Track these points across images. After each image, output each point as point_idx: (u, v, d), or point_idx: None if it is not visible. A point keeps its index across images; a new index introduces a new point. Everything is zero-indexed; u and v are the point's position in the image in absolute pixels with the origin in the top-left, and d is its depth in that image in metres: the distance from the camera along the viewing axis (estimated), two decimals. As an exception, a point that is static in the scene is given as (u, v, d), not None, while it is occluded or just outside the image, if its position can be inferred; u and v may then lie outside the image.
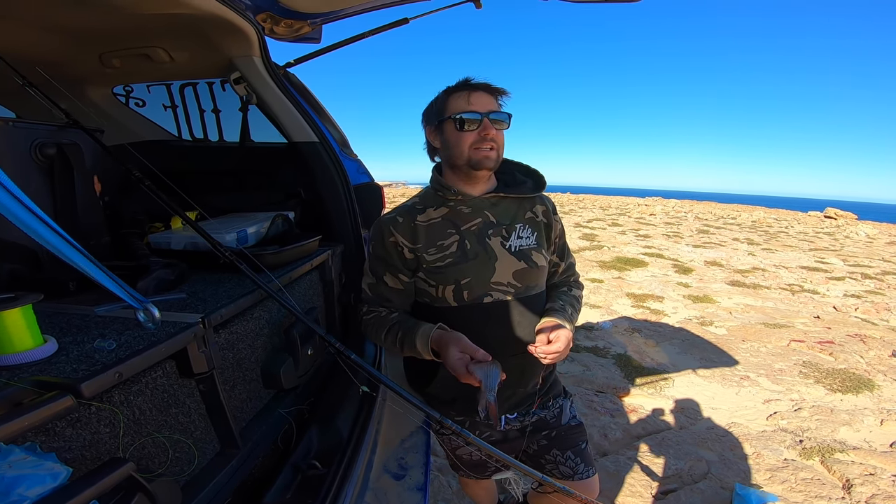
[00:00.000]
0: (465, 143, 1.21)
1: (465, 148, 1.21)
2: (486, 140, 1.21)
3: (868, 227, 16.04)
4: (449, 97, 1.23)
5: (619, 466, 2.34)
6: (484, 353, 1.07)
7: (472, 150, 1.21)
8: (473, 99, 1.21)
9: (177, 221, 1.86)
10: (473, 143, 1.21)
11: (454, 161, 1.25)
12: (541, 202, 1.36)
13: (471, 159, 1.22)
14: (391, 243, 1.26)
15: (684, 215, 17.48)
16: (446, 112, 1.23)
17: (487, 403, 1.00)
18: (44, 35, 1.51)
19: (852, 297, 5.83)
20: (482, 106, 1.20)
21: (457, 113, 1.20)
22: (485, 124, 1.20)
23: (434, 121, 1.27)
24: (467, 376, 1.05)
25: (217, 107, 2.17)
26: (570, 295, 1.39)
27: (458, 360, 1.07)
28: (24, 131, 1.41)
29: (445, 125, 1.23)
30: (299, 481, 1.22)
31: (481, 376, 1.02)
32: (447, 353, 1.09)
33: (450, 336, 1.12)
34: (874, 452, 2.48)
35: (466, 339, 1.11)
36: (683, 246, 9.58)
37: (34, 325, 0.86)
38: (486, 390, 1.01)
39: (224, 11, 1.46)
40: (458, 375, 1.07)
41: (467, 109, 1.20)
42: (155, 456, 0.94)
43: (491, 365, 1.05)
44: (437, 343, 1.14)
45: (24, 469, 0.62)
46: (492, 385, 1.02)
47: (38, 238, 0.77)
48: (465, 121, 1.20)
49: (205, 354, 1.05)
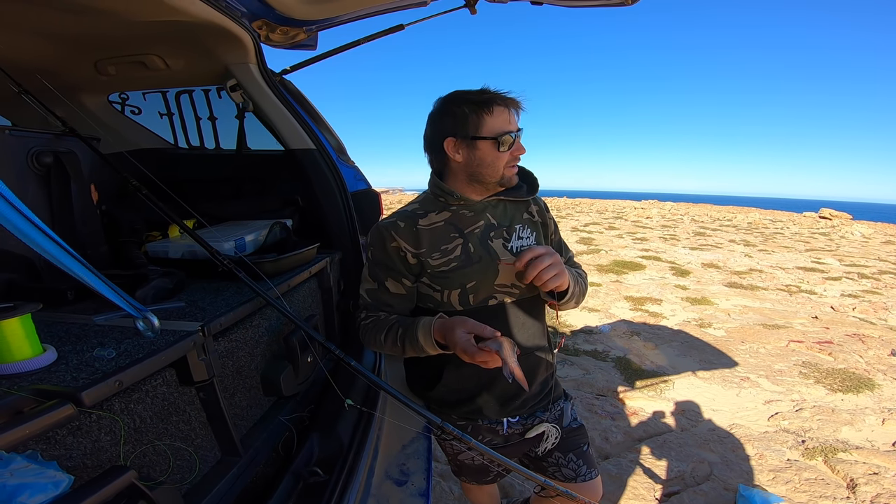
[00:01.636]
0: (501, 163, 1.18)
1: (500, 167, 1.19)
2: (516, 159, 1.21)
3: (863, 226, 16.14)
4: (484, 112, 1.16)
5: (622, 469, 2.33)
6: (491, 329, 1.04)
7: (507, 168, 1.20)
8: (511, 117, 1.18)
9: (174, 230, 1.85)
10: (508, 161, 1.19)
11: (484, 177, 1.20)
12: (535, 202, 1.36)
13: (503, 177, 1.21)
14: (393, 248, 1.23)
15: (680, 218, 17.54)
16: (483, 129, 1.16)
17: (511, 368, 0.98)
18: (39, 42, 1.51)
19: (850, 297, 5.86)
20: (515, 123, 1.18)
21: (501, 133, 1.15)
22: (518, 144, 1.19)
23: (462, 135, 1.18)
24: (479, 353, 1.01)
25: (213, 114, 2.17)
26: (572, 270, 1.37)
27: (466, 341, 1.03)
28: (21, 139, 1.41)
29: (480, 143, 1.17)
30: (301, 488, 1.21)
31: (496, 347, 1.00)
32: (454, 336, 1.05)
33: (453, 320, 1.09)
34: (877, 451, 2.48)
35: (471, 319, 1.07)
36: (680, 248, 9.61)
37: (33, 335, 0.85)
38: (506, 357, 0.99)
39: (220, 19, 1.46)
40: (470, 355, 1.02)
41: (508, 129, 1.16)
42: (156, 464, 0.94)
43: (501, 339, 1.03)
44: (441, 330, 1.10)
45: (25, 477, 0.62)
46: (509, 353, 1.00)
47: (35, 247, 0.77)
48: (506, 141, 1.16)
49: (204, 362, 1.05)
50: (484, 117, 1.15)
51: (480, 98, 1.16)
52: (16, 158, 1.40)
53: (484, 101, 1.15)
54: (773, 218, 19.94)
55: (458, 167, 1.22)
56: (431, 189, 1.29)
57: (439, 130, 1.21)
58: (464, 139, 1.18)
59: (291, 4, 1.65)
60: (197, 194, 2.12)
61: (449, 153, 1.20)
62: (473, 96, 1.17)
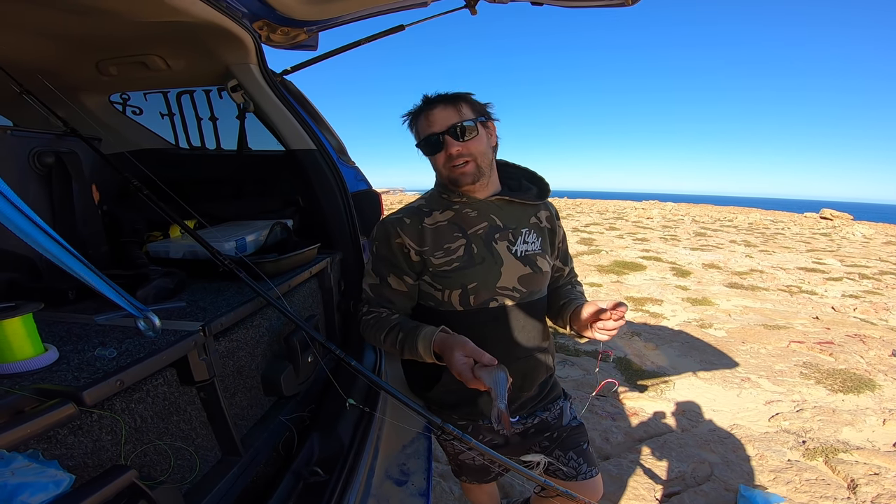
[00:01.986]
0: (438, 165, 1.23)
1: (441, 169, 1.23)
2: (454, 158, 1.19)
3: (864, 227, 16.12)
4: (415, 120, 1.25)
5: (622, 470, 2.33)
6: (490, 357, 1.03)
7: (448, 170, 1.21)
8: (432, 118, 1.19)
9: (175, 230, 1.85)
10: (445, 162, 1.21)
11: (440, 179, 1.29)
12: (545, 208, 1.37)
13: (449, 177, 1.23)
14: (397, 244, 1.24)
15: (681, 218, 17.54)
16: (416, 137, 1.26)
17: (500, 412, 0.95)
18: (41, 42, 1.51)
19: (850, 298, 5.85)
20: (441, 123, 1.18)
21: (420, 138, 1.22)
22: (447, 143, 1.18)
23: (416, 144, 1.28)
24: (474, 381, 1.01)
25: (214, 114, 2.17)
26: (576, 291, 1.41)
27: (463, 365, 1.03)
28: (22, 140, 1.42)
29: (421, 150, 1.26)
30: (301, 488, 1.21)
31: (489, 382, 0.98)
32: (452, 357, 1.05)
33: (454, 340, 1.08)
34: (878, 452, 2.48)
35: (471, 342, 1.06)
36: (681, 249, 9.60)
37: (35, 334, 0.86)
38: (496, 398, 0.96)
39: (221, 19, 1.46)
40: (465, 380, 1.03)
41: (428, 132, 1.20)
42: (157, 463, 0.94)
43: (497, 369, 1.01)
44: (441, 346, 1.10)
45: (26, 476, 0.62)
46: (501, 392, 0.97)
47: (37, 247, 0.77)
48: (429, 144, 1.21)
49: (205, 362, 1.05)
50: (416, 125, 1.24)
51: (410, 111, 1.26)
52: (17, 158, 1.40)
53: (410, 114, 1.25)
54: (774, 218, 19.92)
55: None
56: (437, 187, 1.32)
57: None
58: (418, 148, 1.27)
59: (292, 5, 1.65)
60: (198, 194, 2.12)
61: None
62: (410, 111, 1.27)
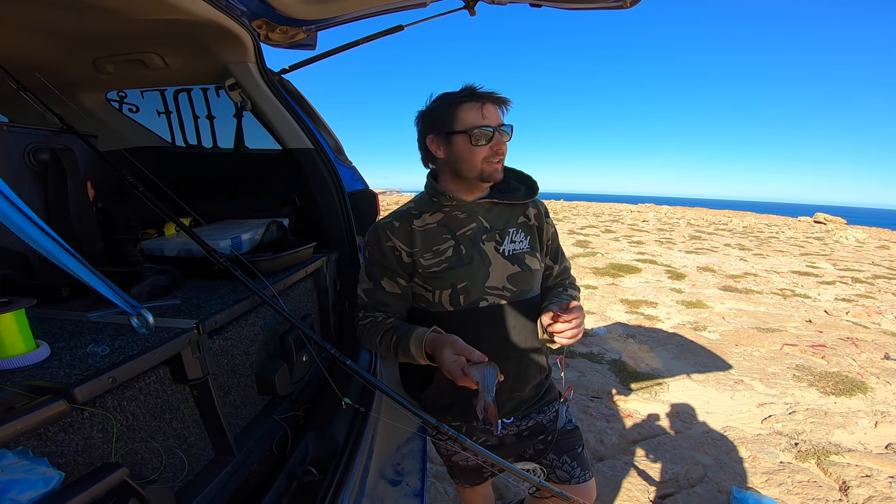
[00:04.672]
0: (478, 158, 1.20)
1: (477, 162, 1.21)
2: (497, 154, 1.21)
3: (858, 231, 16.23)
4: (458, 108, 1.20)
5: (616, 471, 2.33)
6: (480, 354, 1.05)
7: (485, 164, 1.21)
8: (486, 112, 1.19)
9: (170, 228, 1.85)
10: (486, 157, 1.20)
11: (463, 172, 1.24)
12: (534, 206, 1.37)
13: (482, 172, 1.22)
14: (388, 248, 1.25)
15: (676, 221, 17.61)
16: (457, 124, 1.19)
17: (486, 405, 0.97)
18: (38, 39, 1.51)
19: (843, 301, 5.88)
20: (493, 119, 1.20)
21: (472, 127, 1.18)
22: (497, 139, 1.20)
23: (439, 131, 1.23)
24: (464, 378, 1.02)
25: (211, 113, 2.17)
26: (566, 294, 1.39)
27: (453, 363, 1.04)
28: (18, 136, 1.41)
29: (456, 138, 1.20)
30: (295, 488, 1.21)
31: (478, 377, 1.00)
32: (442, 356, 1.07)
33: (444, 339, 1.10)
34: (869, 454, 2.49)
35: (461, 340, 1.08)
36: (676, 252, 9.64)
37: (27, 330, 0.85)
38: (483, 391, 0.98)
39: (220, 17, 1.46)
40: (455, 378, 1.04)
41: (482, 123, 1.18)
42: (148, 462, 0.93)
43: (487, 366, 1.02)
44: (432, 346, 1.12)
45: (16, 473, 0.62)
46: (489, 385, 0.99)
47: (31, 242, 0.76)
48: (480, 135, 1.18)
49: (199, 360, 1.05)
50: (457, 112, 1.19)
51: (454, 95, 1.21)
52: (12, 155, 1.39)
53: (456, 98, 1.21)
54: (769, 222, 20.02)
55: (443, 164, 1.27)
56: (427, 189, 1.31)
57: (423, 129, 1.28)
58: (441, 135, 1.23)
59: (291, 4, 1.65)
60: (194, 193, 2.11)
61: (433, 151, 1.26)
62: (449, 94, 1.22)
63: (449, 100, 1.21)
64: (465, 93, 1.20)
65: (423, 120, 1.28)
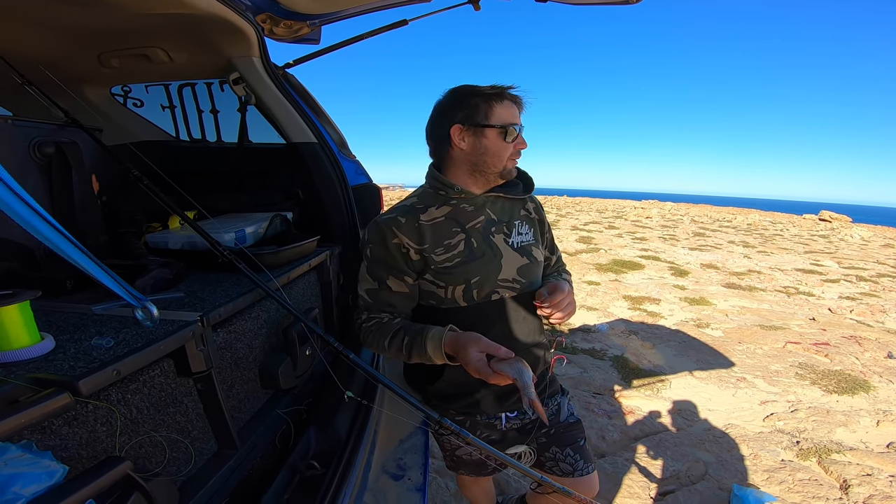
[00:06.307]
0: (506, 153, 1.22)
1: (504, 157, 1.23)
2: (519, 153, 1.26)
3: (863, 229, 16.14)
4: (493, 103, 1.20)
5: (617, 468, 2.34)
6: (506, 350, 1.03)
7: (509, 161, 1.24)
8: (515, 111, 1.23)
9: (174, 221, 1.85)
10: (511, 154, 1.24)
11: (486, 167, 1.23)
12: (530, 200, 1.40)
13: (505, 168, 1.24)
14: (395, 245, 1.21)
15: (680, 218, 17.54)
16: (491, 118, 1.19)
17: (531, 401, 0.98)
18: (43, 34, 1.51)
19: (847, 300, 5.86)
20: (519, 119, 1.24)
21: (507, 124, 1.20)
22: (521, 139, 1.24)
23: (470, 122, 1.20)
24: (494, 376, 1.01)
25: (215, 107, 2.17)
26: (561, 278, 1.42)
27: (479, 361, 1.03)
28: (23, 129, 1.41)
29: (487, 132, 1.20)
30: (297, 482, 1.21)
31: (513, 374, 0.99)
32: (466, 355, 1.05)
33: (466, 337, 1.08)
34: (871, 453, 2.49)
35: (485, 338, 1.06)
36: (679, 249, 9.61)
37: (31, 323, 0.85)
38: (524, 388, 0.98)
39: (224, 12, 1.46)
40: (484, 376, 1.02)
41: (515, 122, 1.22)
42: (152, 455, 0.94)
43: (516, 361, 1.02)
44: (452, 345, 1.09)
45: (19, 467, 0.62)
46: (527, 381, 0.99)
47: (37, 234, 0.77)
48: (513, 133, 1.21)
49: (203, 353, 1.05)
50: (494, 107, 1.20)
51: (491, 90, 1.21)
52: (18, 148, 1.40)
53: (494, 93, 1.20)
54: (773, 220, 19.94)
55: (462, 156, 1.24)
56: (430, 182, 1.28)
57: (448, 118, 1.24)
58: (471, 127, 1.21)
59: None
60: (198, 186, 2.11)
61: (455, 141, 1.23)
62: (484, 88, 1.21)
63: (484, 94, 1.20)
64: (499, 89, 1.21)
65: (450, 109, 1.24)
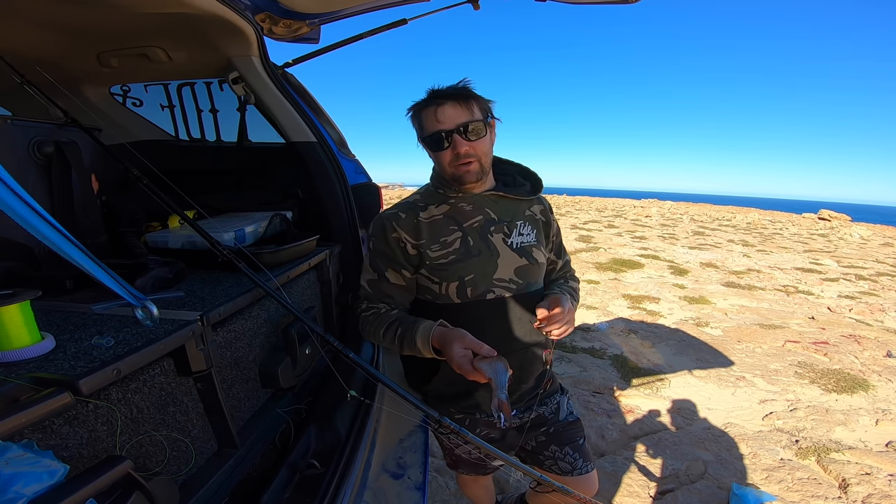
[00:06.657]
0: (443, 162, 1.21)
1: (445, 166, 1.21)
2: (461, 157, 1.18)
3: (862, 228, 16.14)
4: (420, 115, 1.20)
5: (617, 467, 2.34)
6: (489, 348, 1.04)
7: (452, 168, 1.20)
8: (440, 115, 1.16)
9: (174, 220, 1.85)
10: (451, 160, 1.19)
11: (444, 176, 1.25)
12: (538, 202, 1.38)
13: (453, 175, 1.21)
14: (394, 239, 1.25)
15: (680, 217, 17.55)
16: (421, 131, 1.22)
17: (500, 402, 0.96)
18: (42, 33, 1.50)
19: (847, 298, 5.87)
20: (451, 121, 1.16)
21: (427, 134, 1.19)
22: (455, 142, 1.16)
23: (418, 138, 1.25)
24: (473, 373, 1.02)
25: (215, 107, 2.16)
26: (567, 286, 1.41)
27: (462, 357, 1.04)
28: (23, 129, 1.41)
29: (424, 145, 1.23)
30: (297, 481, 1.21)
31: (490, 373, 0.99)
32: (450, 350, 1.06)
33: (452, 333, 1.09)
34: (870, 452, 2.49)
35: (470, 335, 1.07)
36: (679, 247, 9.61)
37: (32, 322, 0.85)
38: (496, 388, 0.97)
39: (224, 11, 1.45)
40: (464, 373, 1.03)
41: (436, 129, 1.17)
42: (152, 454, 0.94)
43: (497, 361, 1.02)
44: (439, 340, 1.11)
45: (20, 466, 0.62)
46: (502, 382, 0.98)
47: (37, 234, 0.77)
48: (435, 141, 1.18)
49: (203, 352, 1.05)
50: (423, 119, 1.20)
51: (416, 103, 1.21)
52: (17, 148, 1.40)
53: (417, 105, 1.21)
54: (773, 218, 19.94)
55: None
56: (432, 181, 1.32)
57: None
58: (420, 142, 1.25)
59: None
60: (197, 186, 2.11)
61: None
62: (416, 103, 1.22)
63: (415, 108, 1.22)
64: (421, 100, 1.21)
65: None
